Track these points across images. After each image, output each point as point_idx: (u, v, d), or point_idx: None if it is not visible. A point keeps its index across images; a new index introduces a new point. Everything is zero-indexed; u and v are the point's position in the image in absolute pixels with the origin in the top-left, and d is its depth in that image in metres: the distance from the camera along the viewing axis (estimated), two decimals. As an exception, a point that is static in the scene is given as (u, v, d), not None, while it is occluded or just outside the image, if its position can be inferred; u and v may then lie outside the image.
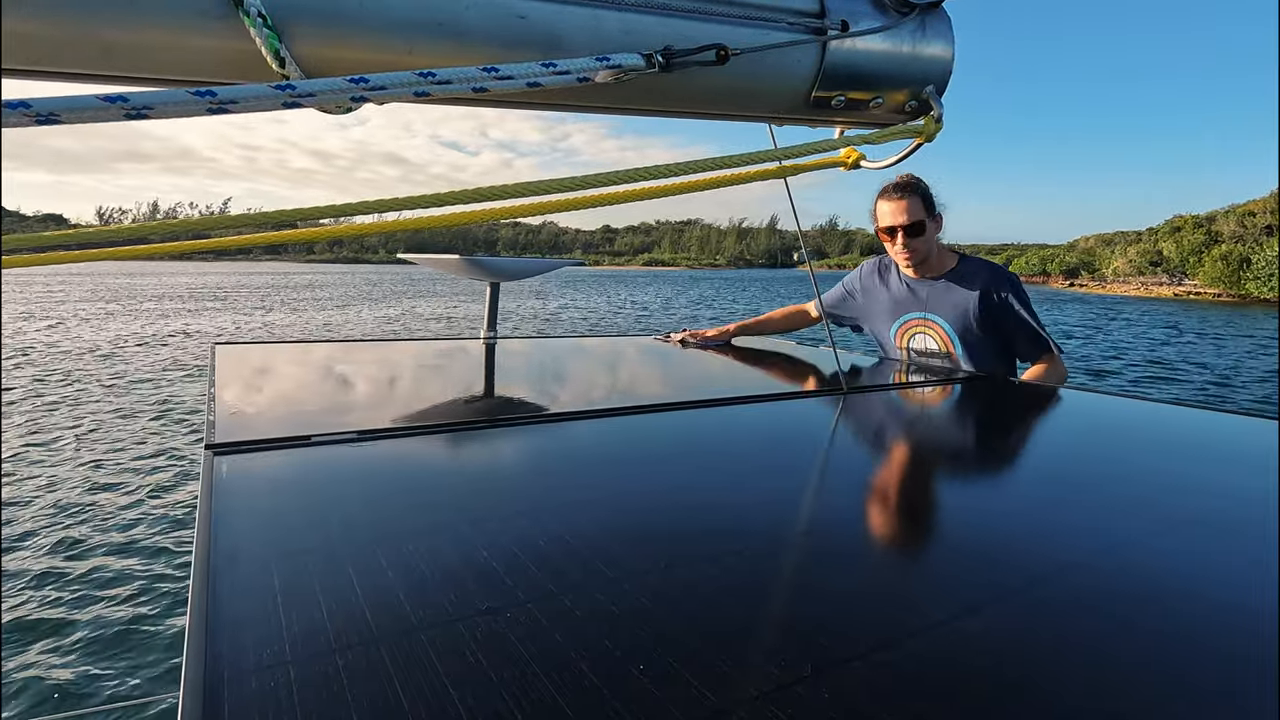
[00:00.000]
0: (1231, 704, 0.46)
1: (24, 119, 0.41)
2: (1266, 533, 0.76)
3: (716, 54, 0.65)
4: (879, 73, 0.78)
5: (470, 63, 0.58)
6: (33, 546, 4.26)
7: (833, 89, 0.77)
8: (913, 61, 0.78)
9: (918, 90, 0.81)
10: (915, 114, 0.83)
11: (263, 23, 0.52)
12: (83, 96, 0.42)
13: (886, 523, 0.82)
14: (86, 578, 3.90)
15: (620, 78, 0.61)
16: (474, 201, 0.64)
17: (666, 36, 0.66)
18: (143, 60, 0.53)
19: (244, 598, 0.54)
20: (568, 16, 0.62)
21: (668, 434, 1.17)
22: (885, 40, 0.77)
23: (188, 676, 0.44)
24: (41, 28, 0.48)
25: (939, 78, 0.81)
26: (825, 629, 0.53)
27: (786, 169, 0.85)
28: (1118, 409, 1.52)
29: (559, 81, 0.58)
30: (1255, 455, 1.16)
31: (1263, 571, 0.66)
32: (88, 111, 0.42)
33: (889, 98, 0.80)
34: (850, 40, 0.74)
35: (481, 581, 0.58)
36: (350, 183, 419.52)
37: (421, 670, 0.45)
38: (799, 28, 0.73)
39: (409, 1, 0.57)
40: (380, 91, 0.51)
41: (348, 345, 2.21)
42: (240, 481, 0.82)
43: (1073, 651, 0.51)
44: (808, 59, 0.74)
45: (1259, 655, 0.51)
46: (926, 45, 0.78)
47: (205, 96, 0.46)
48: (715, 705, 0.43)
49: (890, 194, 2.20)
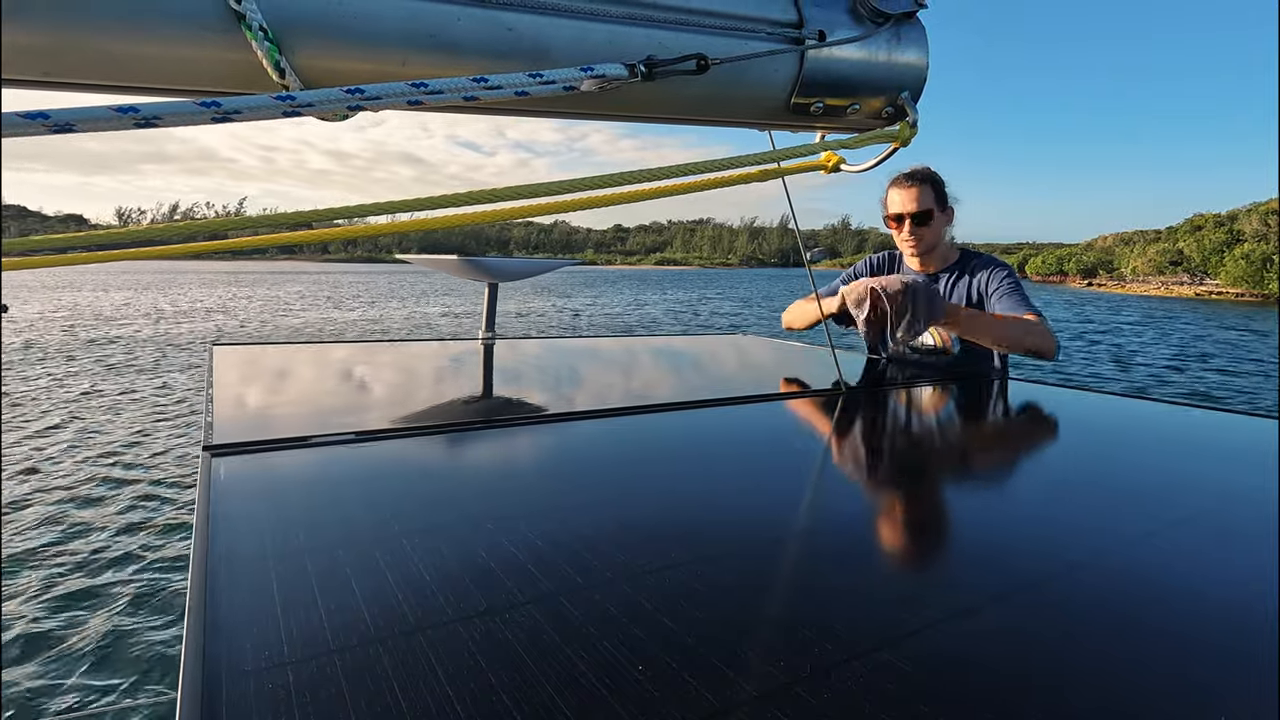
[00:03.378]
0: (1232, 704, 0.45)
1: (42, 128, 0.45)
2: (1267, 532, 0.76)
3: (697, 64, 0.68)
4: (855, 80, 0.81)
5: (461, 73, 0.61)
6: (26, 546, 4.27)
7: (811, 96, 0.80)
8: (888, 69, 0.82)
9: (894, 97, 0.84)
10: (892, 119, 0.86)
11: (264, 36, 0.55)
12: (97, 108, 0.45)
13: (885, 522, 0.82)
14: (83, 579, 3.89)
15: (604, 87, 0.65)
16: (487, 202, 0.67)
17: (649, 47, 0.69)
18: (151, 71, 0.56)
19: (242, 599, 0.54)
20: (554, 28, 0.65)
21: (665, 434, 1.18)
22: (861, 49, 0.80)
23: (186, 678, 0.44)
24: (59, 42, 0.51)
25: (914, 84, 0.84)
26: (824, 629, 0.53)
27: (769, 172, 0.89)
28: (1117, 408, 1.53)
29: (545, 91, 0.61)
30: (1255, 455, 1.16)
31: (1263, 571, 0.65)
32: (101, 121, 0.45)
33: (866, 104, 0.84)
34: (828, 49, 0.78)
35: (480, 582, 0.58)
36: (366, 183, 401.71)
37: (420, 671, 0.45)
38: (778, 37, 0.76)
39: (402, 14, 0.60)
40: (375, 101, 0.55)
41: (345, 346, 2.22)
42: (238, 483, 0.82)
43: (1073, 651, 0.51)
44: (786, 67, 0.77)
45: (1259, 655, 0.51)
46: (901, 53, 0.82)
47: (210, 107, 0.49)
48: (715, 706, 0.43)
49: (901, 182, 2.19)
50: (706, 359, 2.06)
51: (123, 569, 4.02)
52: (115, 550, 4.27)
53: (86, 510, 4.94)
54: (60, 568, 4.01)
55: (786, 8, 0.76)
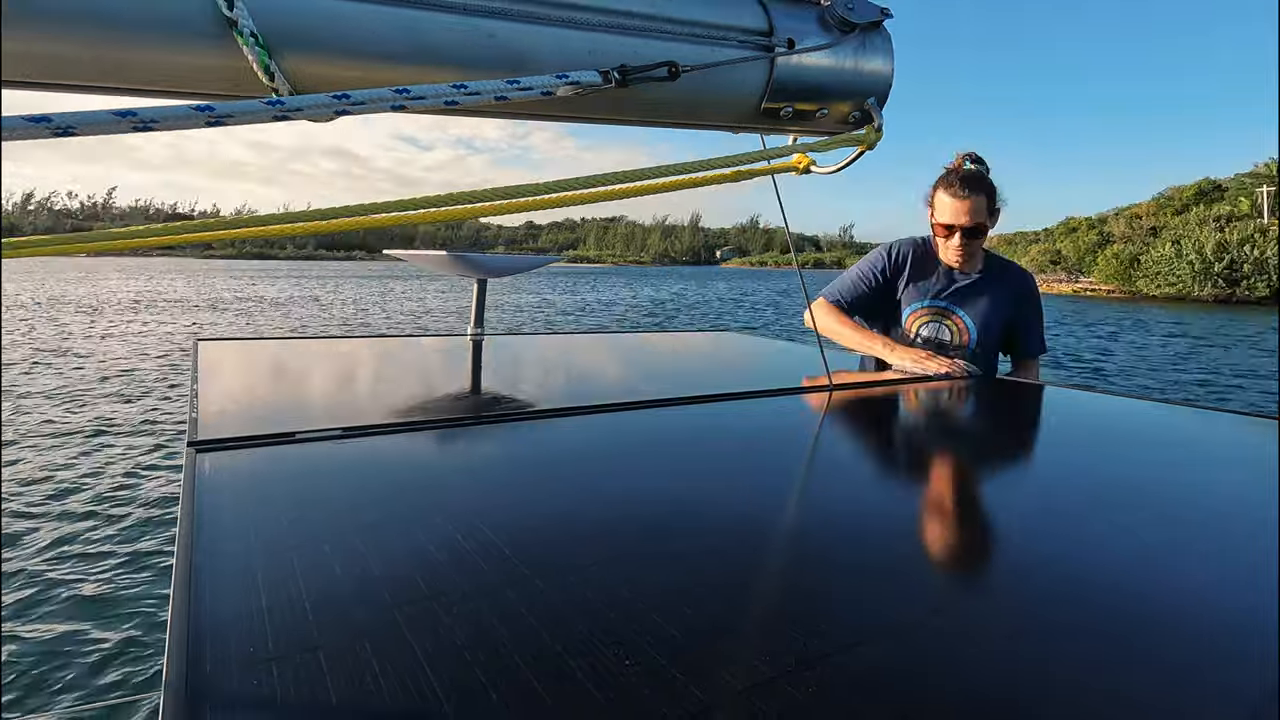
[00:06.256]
0: (1232, 703, 0.46)
1: (45, 132, 0.47)
2: (1267, 532, 0.75)
3: (669, 71, 0.71)
4: (824, 86, 0.85)
5: (443, 79, 0.64)
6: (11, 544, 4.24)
7: (781, 101, 0.83)
8: (855, 76, 0.85)
9: (860, 102, 0.88)
10: (859, 124, 0.90)
11: (255, 42, 0.58)
12: (97, 112, 0.48)
13: (871, 518, 0.82)
14: (64, 575, 3.85)
15: (580, 93, 0.68)
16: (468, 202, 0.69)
17: (624, 55, 0.72)
18: (146, 75, 0.59)
19: (226, 595, 0.54)
20: (533, 36, 0.69)
21: (652, 430, 1.18)
22: (829, 57, 0.83)
23: (169, 675, 0.44)
24: (58, 46, 0.54)
25: (880, 91, 0.88)
26: (809, 623, 0.53)
27: (742, 173, 0.92)
28: (1111, 407, 1.52)
29: (523, 96, 0.65)
30: (1255, 455, 1.16)
31: (1263, 571, 0.65)
32: (101, 125, 0.48)
33: (834, 109, 0.87)
34: (797, 56, 0.81)
35: (466, 577, 0.58)
36: (281, 175, 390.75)
37: (406, 667, 0.45)
38: (748, 45, 0.80)
39: (389, 23, 0.63)
40: (360, 106, 0.58)
41: (332, 342, 2.22)
42: (223, 479, 0.82)
43: (1065, 649, 0.51)
44: (757, 74, 0.81)
45: (1259, 654, 0.51)
46: (868, 61, 0.85)
47: (204, 111, 0.52)
48: (700, 699, 0.43)
49: (957, 189, 1.98)
50: (695, 356, 2.06)
51: (105, 564, 4.00)
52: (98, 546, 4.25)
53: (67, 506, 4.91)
54: (40, 565, 3.98)
55: (757, 16, 0.80)
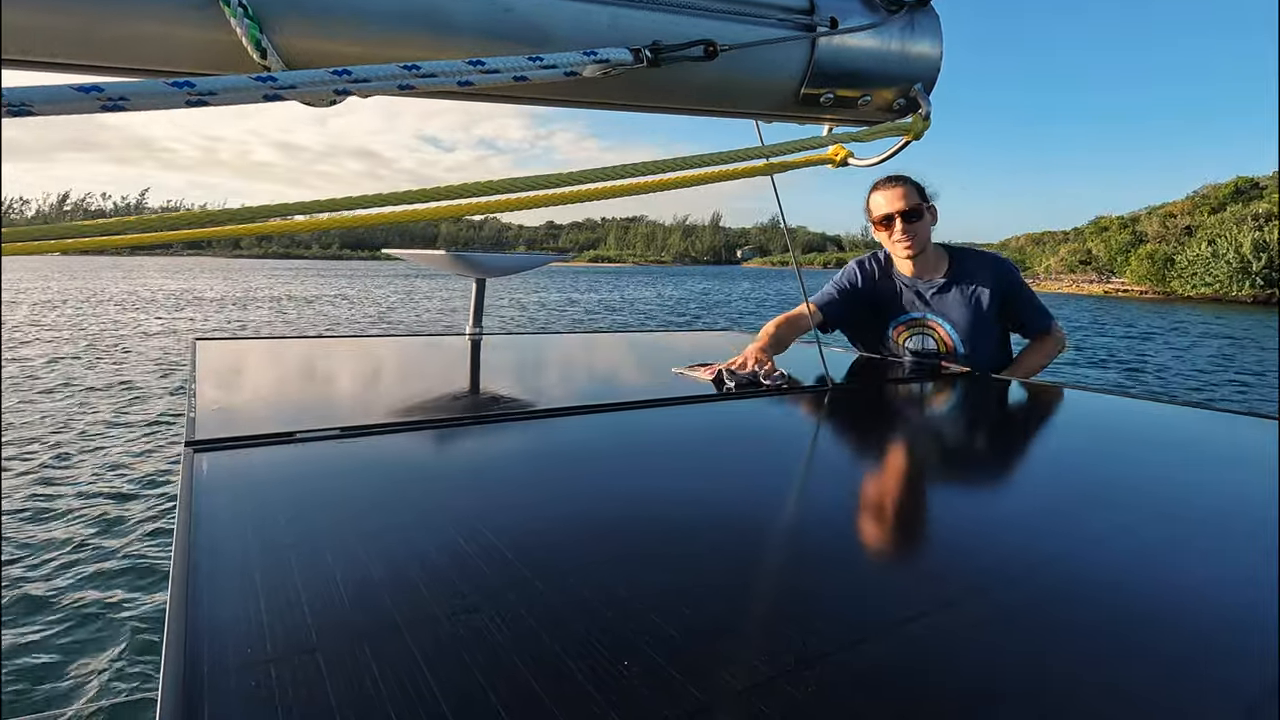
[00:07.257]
0: (1230, 699, 0.46)
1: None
2: (1266, 531, 0.76)
3: (705, 50, 0.65)
4: (867, 70, 0.78)
5: (456, 56, 0.57)
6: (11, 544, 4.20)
7: (821, 86, 0.77)
8: (901, 59, 0.78)
9: (906, 88, 0.81)
10: (903, 112, 0.83)
11: (244, 12, 0.51)
12: (57, 86, 0.41)
13: (869, 518, 0.81)
14: (62, 576, 3.84)
15: (608, 72, 0.61)
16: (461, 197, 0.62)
17: (654, 31, 0.65)
18: (120, 50, 0.52)
19: (225, 595, 0.54)
20: (555, 9, 0.62)
21: (651, 430, 1.17)
22: (874, 37, 0.76)
23: (167, 675, 0.44)
24: (15, 15, 0.47)
25: (927, 75, 0.81)
26: (808, 623, 0.53)
27: (774, 165, 0.85)
28: (1111, 407, 1.51)
29: (546, 76, 0.58)
30: (1255, 455, 1.16)
31: (1262, 568, 0.65)
32: (62, 103, 0.41)
33: (877, 95, 0.80)
34: (840, 37, 0.74)
35: (465, 578, 0.58)
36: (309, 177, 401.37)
37: (404, 667, 0.45)
38: (788, 24, 0.73)
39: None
40: (363, 84, 0.51)
41: (330, 341, 2.20)
42: (221, 479, 0.81)
43: (1064, 647, 0.51)
44: (797, 55, 0.74)
45: (1258, 650, 0.51)
46: (915, 43, 0.78)
47: (183, 88, 0.45)
48: (699, 699, 0.43)
49: (884, 184, 2.21)
50: (695, 355, 2.05)
51: (101, 566, 3.96)
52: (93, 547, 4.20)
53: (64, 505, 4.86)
54: (36, 565, 3.94)
55: None
